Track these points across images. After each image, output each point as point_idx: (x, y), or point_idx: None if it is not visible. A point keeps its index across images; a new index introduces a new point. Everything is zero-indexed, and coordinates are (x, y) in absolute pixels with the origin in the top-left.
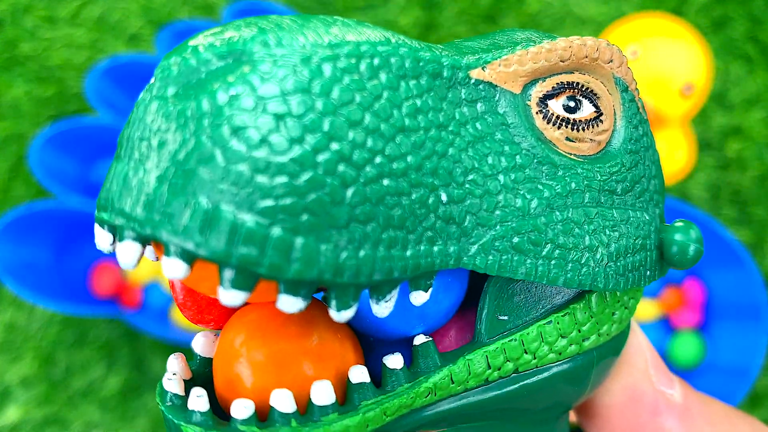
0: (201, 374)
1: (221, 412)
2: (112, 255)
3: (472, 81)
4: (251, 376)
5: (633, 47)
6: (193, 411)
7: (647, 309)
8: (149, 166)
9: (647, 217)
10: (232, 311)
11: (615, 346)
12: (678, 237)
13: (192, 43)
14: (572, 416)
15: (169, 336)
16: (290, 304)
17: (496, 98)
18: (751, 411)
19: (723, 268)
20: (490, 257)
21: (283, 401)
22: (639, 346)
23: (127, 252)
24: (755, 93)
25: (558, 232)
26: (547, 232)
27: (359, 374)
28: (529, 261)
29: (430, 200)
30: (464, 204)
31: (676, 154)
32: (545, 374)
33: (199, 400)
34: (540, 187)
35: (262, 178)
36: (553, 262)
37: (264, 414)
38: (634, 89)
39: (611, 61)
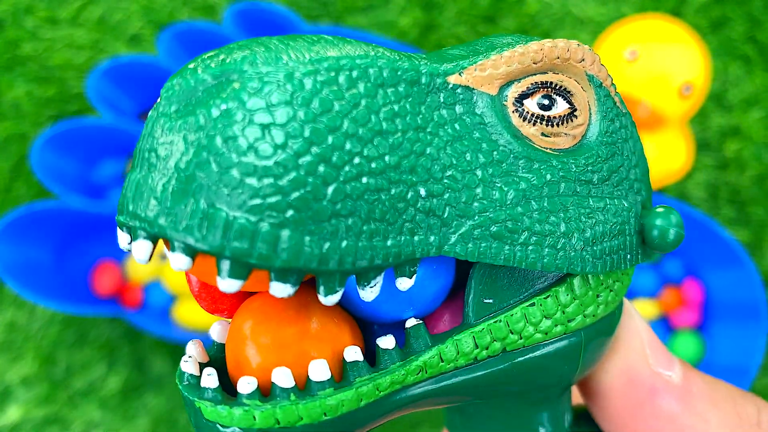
0: (217, 359)
1: (235, 392)
2: (117, 254)
3: (450, 86)
4: (256, 356)
5: (632, 48)
6: (205, 388)
7: (647, 309)
8: (156, 174)
9: (626, 204)
10: (243, 301)
11: (605, 327)
12: (658, 222)
13: (191, 66)
14: (580, 398)
15: (169, 335)
16: (280, 290)
17: (474, 100)
18: None
19: (722, 268)
20: (470, 245)
21: (283, 378)
22: (635, 329)
23: (141, 249)
24: (754, 93)
25: (534, 221)
26: (524, 220)
27: (353, 354)
28: (507, 248)
29: (409, 195)
30: (443, 197)
31: (675, 154)
32: (533, 353)
33: (209, 378)
34: (516, 179)
35: (250, 180)
36: (530, 248)
37: (268, 390)
38: (609, 85)
39: (583, 60)
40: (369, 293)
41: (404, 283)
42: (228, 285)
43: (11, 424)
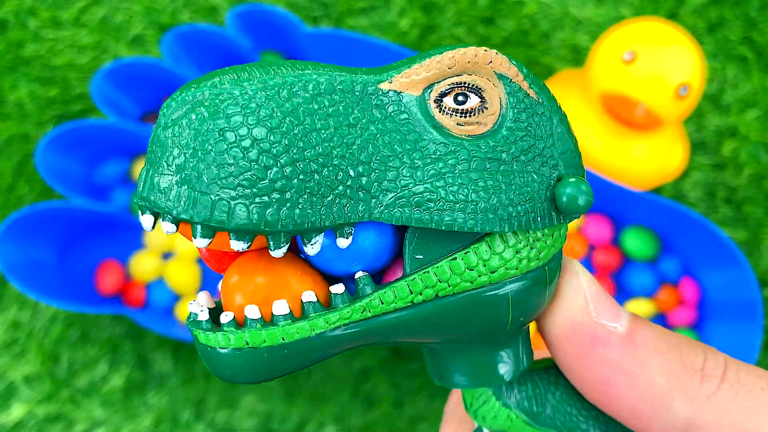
0: (218, 305)
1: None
2: (121, 253)
3: (382, 91)
4: (237, 298)
5: (629, 50)
6: (200, 321)
7: (644, 308)
8: (153, 167)
9: (535, 177)
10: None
11: (534, 278)
12: (567, 190)
13: (184, 87)
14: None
15: (173, 334)
16: (238, 245)
17: (402, 101)
18: None
19: (718, 267)
20: (395, 212)
21: (252, 312)
22: (579, 287)
23: (147, 221)
24: (751, 94)
25: (448, 192)
26: (439, 191)
27: (309, 296)
28: (426, 214)
29: (340, 175)
30: (371, 177)
31: (672, 154)
32: (461, 296)
33: (202, 314)
34: (435, 160)
35: (211, 170)
36: (445, 213)
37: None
38: (520, 80)
39: (490, 62)
40: (310, 249)
41: (342, 242)
42: (200, 242)
43: (14, 422)
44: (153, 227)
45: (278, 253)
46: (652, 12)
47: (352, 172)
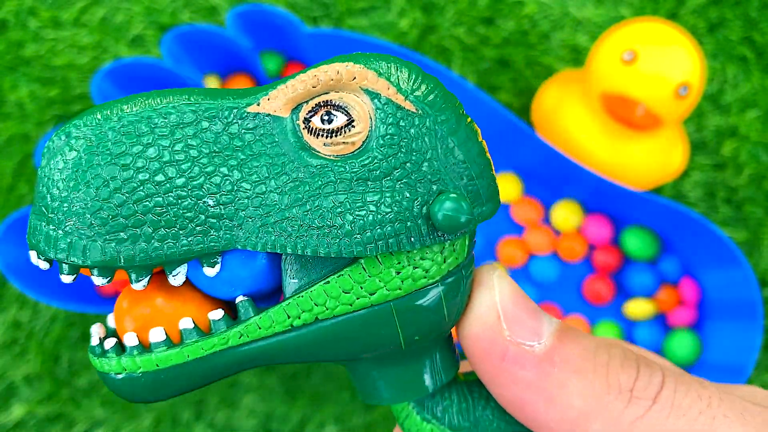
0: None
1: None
2: None
3: (251, 114)
4: (124, 324)
5: (629, 50)
6: (93, 346)
7: (644, 308)
8: (33, 209)
9: (409, 194)
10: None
11: (423, 298)
12: (440, 207)
13: (60, 129)
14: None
15: None
16: (98, 281)
17: (271, 123)
18: None
19: (718, 267)
20: (260, 239)
21: (131, 339)
22: (491, 303)
23: (33, 257)
24: (751, 93)
25: (312, 217)
26: (303, 216)
27: (185, 323)
28: (289, 240)
29: (199, 206)
30: (233, 205)
31: (673, 154)
32: (342, 319)
33: (93, 339)
34: (301, 184)
35: (68, 210)
36: (307, 239)
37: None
38: (392, 94)
39: (354, 78)
40: (174, 280)
41: (209, 271)
42: (65, 278)
43: (15, 422)
44: (35, 263)
45: (138, 286)
46: (652, 12)
47: (211, 202)
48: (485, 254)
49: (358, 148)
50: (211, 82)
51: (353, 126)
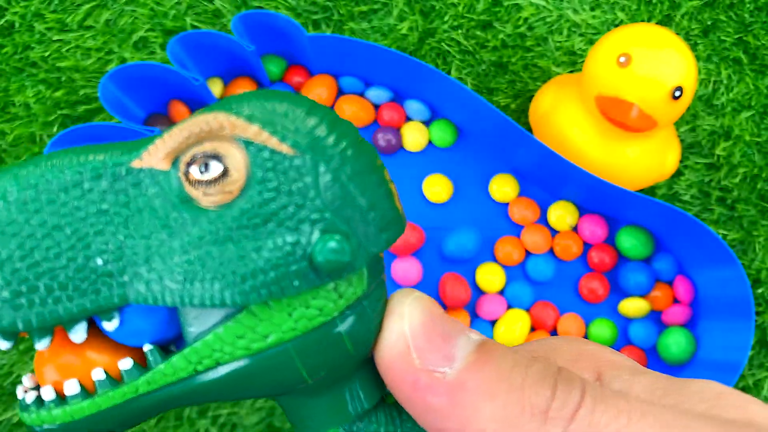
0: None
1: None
2: None
3: (135, 170)
4: (44, 375)
5: (624, 53)
6: (21, 400)
7: (637, 306)
8: None
9: (289, 238)
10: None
11: (321, 335)
12: (318, 249)
13: None
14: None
15: None
16: (3, 345)
17: (153, 177)
18: None
19: (712, 266)
20: (149, 293)
21: (47, 393)
22: (400, 332)
23: None
24: (744, 95)
25: (197, 268)
26: (188, 269)
27: (98, 374)
28: (174, 292)
29: (89, 266)
30: (122, 262)
31: (667, 155)
32: (244, 362)
33: (19, 392)
34: (184, 236)
35: None
36: (194, 290)
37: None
38: (264, 139)
39: (224, 128)
40: (74, 337)
41: (108, 326)
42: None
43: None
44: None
45: (41, 346)
46: (647, 15)
47: (100, 261)
48: (484, 253)
49: (237, 196)
50: (215, 86)
51: (229, 175)
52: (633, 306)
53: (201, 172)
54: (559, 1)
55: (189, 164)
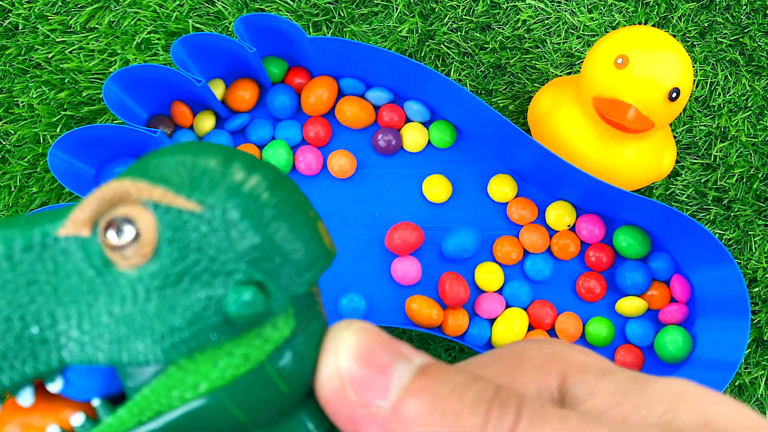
0: None
1: None
2: None
3: (61, 239)
4: None
5: (621, 55)
6: None
7: (635, 305)
8: None
9: (203, 294)
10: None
11: (250, 380)
12: (232, 302)
13: None
14: None
15: None
16: None
17: (78, 244)
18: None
19: (708, 265)
20: (84, 356)
21: None
22: (334, 370)
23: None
24: (741, 96)
25: (120, 331)
26: (113, 331)
27: (53, 430)
28: (106, 354)
29: (25, 335)
30: (54, 329)
31: (664, 155)
32: (183, 411)
33: None
34: (107, 298)
35: None
36: (121, 351)
37: None
38: (170, 200)
39: (131, 194)
40: (21, 401)
41: (51, 387)
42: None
43: None
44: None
45: None
46: (644, 17)
47: (35, 330)
48: (483, 252)
49: (151, 258)
50: (217, 87)
51: (141, 238)
52: (630, 305)
53: (117, 237)
54: (557, 3)
55: (106, 229)
